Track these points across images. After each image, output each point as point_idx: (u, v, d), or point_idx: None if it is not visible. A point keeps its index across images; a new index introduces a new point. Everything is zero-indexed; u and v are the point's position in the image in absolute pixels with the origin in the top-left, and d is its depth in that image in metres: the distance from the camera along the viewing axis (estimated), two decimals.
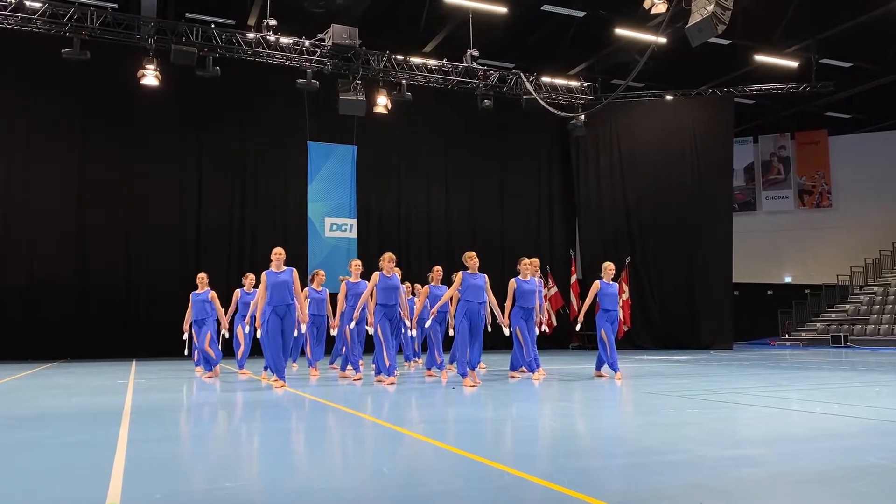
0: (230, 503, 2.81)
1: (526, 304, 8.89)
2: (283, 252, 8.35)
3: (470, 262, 8.43)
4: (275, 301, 8.13)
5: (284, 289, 8.17)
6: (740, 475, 3.25)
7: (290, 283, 8.23)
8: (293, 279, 8.28)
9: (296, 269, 8.32)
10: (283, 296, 8.14)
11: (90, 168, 16.27)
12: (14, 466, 3.60)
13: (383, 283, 8.45)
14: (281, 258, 8.32)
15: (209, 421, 5.43)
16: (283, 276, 8.24)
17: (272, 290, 8.15)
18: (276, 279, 8.21)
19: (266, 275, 8.27)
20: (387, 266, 8.54)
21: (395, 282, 8.57)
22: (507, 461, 3.58)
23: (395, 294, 8.54)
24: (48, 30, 14.06)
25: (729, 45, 18.18)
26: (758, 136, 27.04)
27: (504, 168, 20.65)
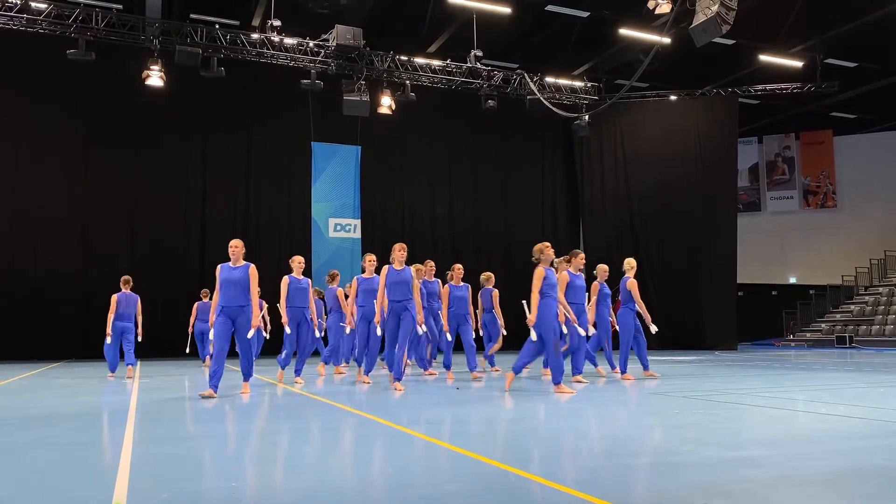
0: (235, 502, 2.81)
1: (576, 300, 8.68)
2: (241, 245, 7.30)
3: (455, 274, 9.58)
4: (224, 300, 7.09)
5: (237, 288, 7.09)
6: (745, 476, 3.24)
7: (244, 282, 7.15)
8: (249, 277, 7.20)
9: (254, 266, 7.29)
10: (236, 295, 7.07)
11: (94, 169, 16.31)
12: (21, 466, 3.61)
13: (392, 278, 7.73)
14: (238, 252, 7.24)
15: (214, 420, 5.44)
16: (237, 273, 7.14)
17: (223, 287, 7.09)
18: (228, 275, 7.14)
19: (220, 269, 7.22)
20: (397, 257, 7.80)
21: (406, 275, 7.77)
22: (513, 462, 3.58)
23: (404, 289, 7.71)
24: (53, 30, 14.10)
25: (733, 45, 18.15)
26: (762, 136, 26.99)
27: (508, 168, 20.64)
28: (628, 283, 8.90)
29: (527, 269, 8.30)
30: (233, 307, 7.08)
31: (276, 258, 17.83)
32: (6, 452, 3.99)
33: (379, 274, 8.15)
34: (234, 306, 7.08)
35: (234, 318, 7.11)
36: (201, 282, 16.06)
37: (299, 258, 9.06)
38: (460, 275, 9.75)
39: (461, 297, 9.52)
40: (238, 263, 7.25)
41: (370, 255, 8.99)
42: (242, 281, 7.14)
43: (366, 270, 8.81)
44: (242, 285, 7.13)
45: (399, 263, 7.81)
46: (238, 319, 7.13)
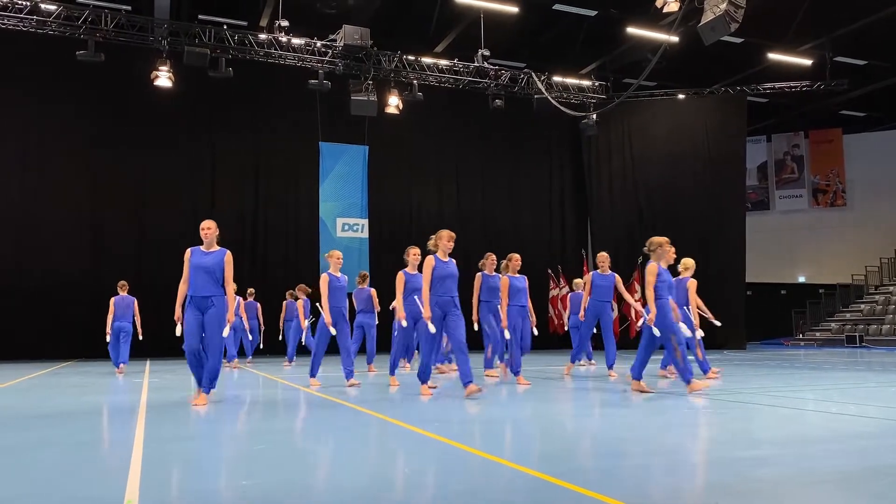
0: (247, 501, 2.82)
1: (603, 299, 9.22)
2: (214, 227, 6.40)
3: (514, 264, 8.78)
4: (194, 289, 6.24)
5: (209, 276, 6.21)
6: (757, 476, 3.23)
7: (217, 269, 6.27)
8: (224, 264, 6.31)
9: (230, 252, 6.41)
10: (207, 284, 6.20)
11: (103, 170, 16.40)
12: (32, 465, 3.64)
13: (440, 271, 6.77)
14: (211, 234, 6.34)
15: (224, 419, 5.46)
16: (209, 259, 6.27)
17: (193, 274, 6.24)
18: (199, 261, 6.27)
19: (190, 253, 6.35)
20: (444, 246, 6.88)
21: (454, 268, 6.92)
22: (525, 461, 3.58)
23: (452, 284, 6.85)
24: (63, 32, 14.18)
25: (742, 43, 18.07)
26: (771, 134, 26.87)
27: (515, 168, 20.63)
28: (689, 283, 8.98)
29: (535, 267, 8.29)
30: (203, 297, 6.22)
31: (284, 258, 17.92)
32: (18, 451, 4.02)
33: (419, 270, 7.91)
34: (204, 296, 6.22)
35: (203, 309, 6.22)
36: None
37: (338, 253, 8.56)
38: (493, 265, 8.88)
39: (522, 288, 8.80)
40: (211, 248, 6.37)
41: (414, 249, 8.03)
42: (215, 268, 6.25)
43: (409, 265, 7.94)
44: (215, 273, 6.25)
45: (445, 254, 6.92)
46: (208, 312, 6.21)
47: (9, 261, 15.40)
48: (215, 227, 6.43)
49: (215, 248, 6.41)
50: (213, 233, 6.39)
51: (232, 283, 6.42)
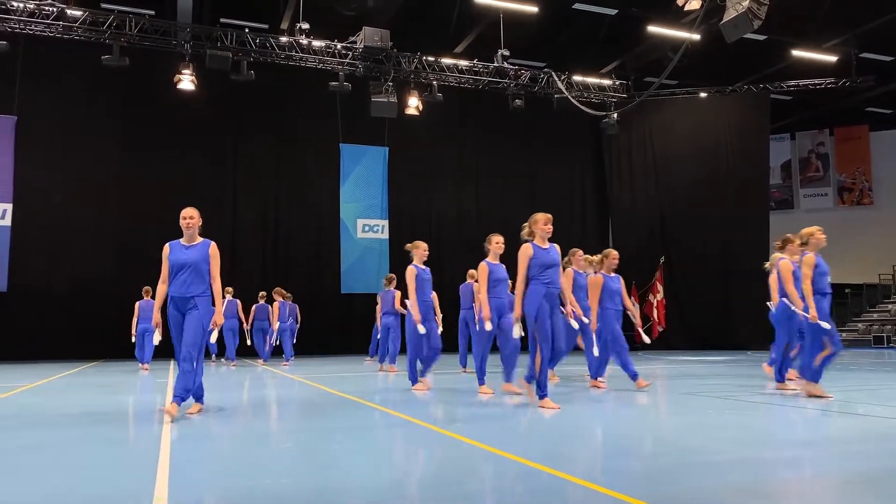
0: (273, 499, 2.86)
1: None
2: (196, 215, 5.64)
3: None
4: (174, 288, 5.45)
5: (192, 272, 5.45)
6: (783, 477, 3.20)
7: (201, 264, 5.47)
8: (210, 258, 5.53)
9: (215, 244, 5.63)
10: (189, 282, 5.42)
11: (128, 173, 16.64)
12: (63, 463, 3.71)
13: (540, 259, 5.94)
14: (193, 224, 5.59)
15: (251, 418, 5.52)
16: (191, 254, 5.49)
17: (174, 272, 5.48)
18: (179, 256, 5.50)
19: (168, 248, 5.60)
20: (541, 231, 6.08)
21: (556, 255, 6.11)
22: (546, 461, 3.58)
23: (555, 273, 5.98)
24: (88, 37, 14.41)
25: (765, 40, 17.87)
26: (795, 132, 26.50)
27: (535, 168, 20.58)
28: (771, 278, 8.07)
29: None
30: (184, 298, 5.40)
31: (305, 259, 18.05)
32: (49, 449, 4.10)
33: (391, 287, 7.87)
34: (185, 297, 5.40)
35: (184, 310, 5.42)
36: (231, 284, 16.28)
37: (424, 244, 7.85)
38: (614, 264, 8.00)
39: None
40: (193, 241, 5.59)
41: (497, 237, 7.23)
42: (199, 263, 5.46)
43: (491, 254, 7.17)
44: (199, 269, 5.45)
45: (543, 240, 6.03)
46: (190, 313, 5.39)
47: (39, 264, 15.68)
48: (198, 216, 5.64)
49: (198, 240, 5.61)
50: (196, 223, 5.60)
51: (219, 280, 5.59)
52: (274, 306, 13.68)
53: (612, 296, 7.59)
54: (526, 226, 6.19)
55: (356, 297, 17.58)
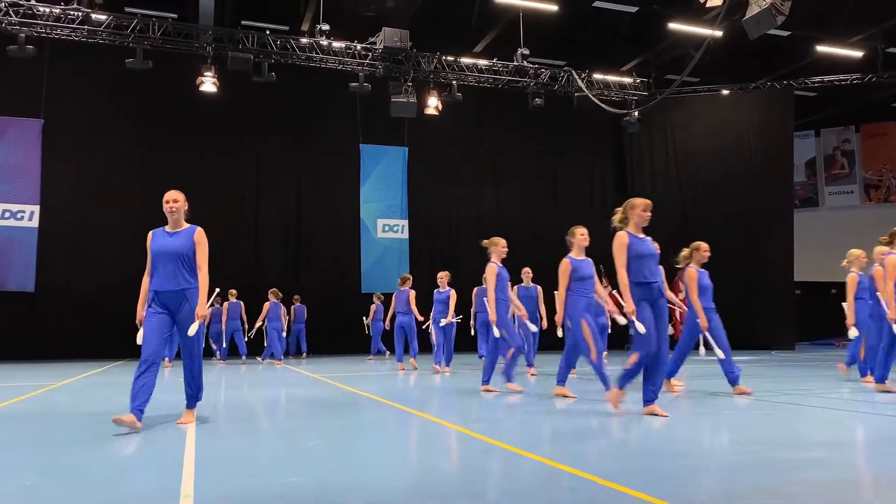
0: (297, 497, 2.89)
1: None
2: (182, 199, 5.10)
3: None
4: (158, 282, 4.90)
5: (177, 262, 4.89)
6: (806, 478, 3.17)
7: (187, 253, 4.94)
8: (196, 246, 5.00)
9: (201, 229, 5.10)
10: (174, 274, 4.87)
11: (151, 175, 16.80)
12: (91, 461, 3.77)
13: (637, 249, 5.30)
14: (179, 209, 5.03)
15: (274, 417, 5.58)
16: (176, 242, 4.94)
17: (157, 262, 4.92)
18: (164, 244, 4.94)
19: (151, 236, 5.07)
20: (639, 217, 5.35)
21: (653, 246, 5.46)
22: (568, 461, 3.58)
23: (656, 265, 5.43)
24: (113, 41, 14.61)
25: (788, 36, 17.63)
26: (820, 129, 26.11)
27: (556, 167, 20.50)
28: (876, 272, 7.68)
29: None
30: (172, 293, 4.87)
31: (326, 259, 18.15)
32: (77, 448, 4.17)
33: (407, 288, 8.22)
34: (172, 290, 4.87)
35: (174, 308, 4.90)
36: (254, 284, 16.47)
37: (503, 241, 7.54)
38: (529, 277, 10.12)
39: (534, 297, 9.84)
40: (178, 227, 5.04)
41: (581, 228, 6.83)
42: (184, 252, 4.92)
43: (575, 248, 6.71)
44: (185, 258, 4.91)
45: (638, 229, 5.36)
46: (181, 310, 4.90)
47: (65, 265, 15.94)
48: (183, 199, 5.09)
49: (184, 225, 5.08)
50: (182, 207, 5.04)
51: (206, 270, 5.05)
52: (265, 306, 14.11)
53: (703, 292, 7.14)
54: (619, 211, 5.46)
55: None
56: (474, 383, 8.48)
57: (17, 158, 15.65)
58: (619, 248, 5.25)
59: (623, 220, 5.40)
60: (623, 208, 5.43)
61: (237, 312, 14.36)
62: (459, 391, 7.53)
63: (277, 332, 14.01)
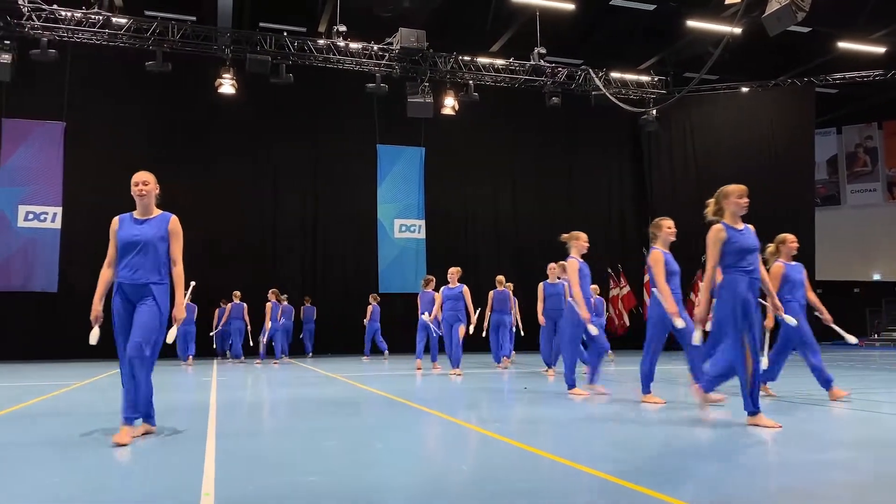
0: (316, 496, 2.90)
1: None
2: (153, 181, 4.57)
3: None
4: (124, 273, 4.40)
5: (146, 253, 4.38)
6: (830, 479, 3.13)
7: (158, 243, 4.43)
8: (169, 236, 4.49)
9: (177, 218, 4.59)
10: (140, 265, 4.37)
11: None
12: (113, 459, 3.82)
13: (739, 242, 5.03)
14: (148, 192, 4.50)
15: (293, 416, 5.60)
16: (146, 230, 4.43)
17: (123, 251, 4.43)
18: (132, 232, 4.44)
19: (117, 223, 4.58)
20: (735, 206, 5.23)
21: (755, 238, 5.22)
22: (587, 461, 3.56)
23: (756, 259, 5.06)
24: (133, 44, 14.77)
25: (809, 32, 17.42)
26: (841, 126, 25.78)
27: (573, 166, 20.43)
28: None
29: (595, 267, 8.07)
30: (136, 286, 4.36)
31: (344, 259, 18.23)
32: (99, 446, 4.22)
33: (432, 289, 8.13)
34: (137, 284, 4.35)
35: (137, 301, 4.39)
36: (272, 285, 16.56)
37: (584, 235, 7.38)
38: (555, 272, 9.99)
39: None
40: (149, 213, 4.52)
41: (668, 221, 6.51)
42: (154, 241, 4.40)
43: (661, 241, 6.37)
44: (154, 248, 4.39)
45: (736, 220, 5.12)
46: (143, 303, 4.36)
47: (87, 266, 16.10)
48: (154, 182, 4.55)
49: (155, 212, 4.54)
50: (153, 190, 4.51)
51: (181, 264, 4.54)
52: (267, 307, 14.30)
53: (793, 287, 6.62)
54: (711, 202, 5.17)
55: (394, 296, 17.69)
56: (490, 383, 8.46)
57: (40, 161, 15.89)
58: (714, 242, 4.85)
59: (717, 212, 5.08)
60: (716, 198, 5.13)
61: (240, 313, 14.72)
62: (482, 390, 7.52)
63: (275, 333, 14.46)
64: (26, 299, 15.62)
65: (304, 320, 16.37)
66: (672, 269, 6.12)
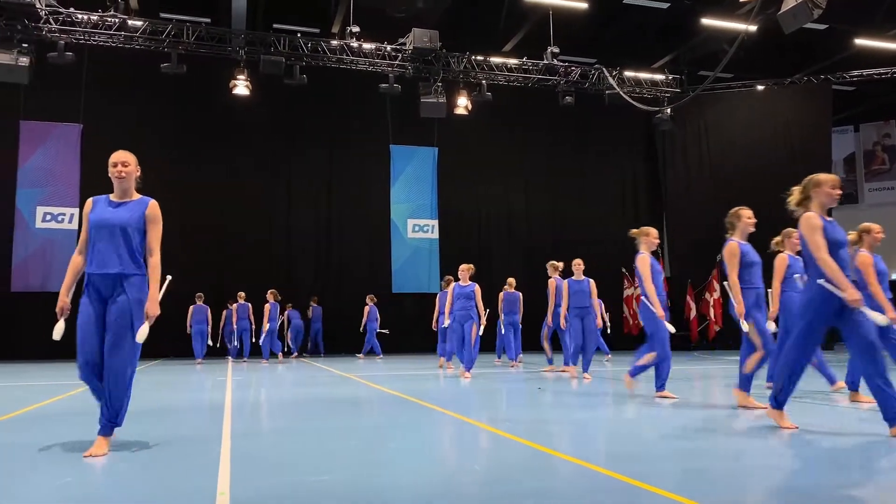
0: (330, 496, 2.91)
1: None
2: (133, 162, 4.17)
3: None
4: (96, 262, 3.92)
5: (118, 239, 3.92)
6: (851, 481, 3.09)
7: (133, 229, 3.99)
8: (146, 223, 4.08)
9: (156, 202, 4.20)
10: (113, 254, 3.90)
11: (185, 177, 17.15)
12: (127, 459, 3.84)
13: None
14: (126, 173, 4.08)
15: (307, 416, 5.62)
16: (121, 213, 4.00)
17: (95, 237, 3.95)
18: (105, 216, 3.99)
19: (91, 205, 4.12)
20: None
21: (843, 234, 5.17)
22: (602, 462, 3.55)
23: None
24: (148, 46, 14.90)
25: (825, 29, 17.24)
26: (859, 124, 25.49)
27: (586, 165, 20.36)
28: None
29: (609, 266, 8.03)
30: (108, 276, 3.89)
31: (357, 260, 18.28)
32: (113, 445, 4.25)
33: None
34: (110, 274, 3.88)
35: (110, 296, 3.92)
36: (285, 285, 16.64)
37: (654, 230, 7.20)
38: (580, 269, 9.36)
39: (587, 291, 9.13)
40: (126, 196, 4.10)
41: (747, 210, 6.12)
42: (131, 227, 3.97)
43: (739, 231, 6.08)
44: (130, 236, 3.95)
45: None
46: (117, 301, 3.87)
47: None
48: (135, 163, 4.15)
49: (134, 196, 4.13)
50: (133, 172, 4.09)
51: (158, 253, 4.13)
52: (265, 307, 14.66)
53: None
54: (795, 191, 4.88)
55: (407, 296, 17.74)
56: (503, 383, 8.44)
57: (58, 162, 16.06)
58: (812, 230, 4.49)
59: (803, 202, 4.76)
60: (804, 186, 4.76)
61: (245, 313, 15.02)
62: (496, 391, 7.51)
63: (273, 332, 14.76)
64: (44, 300, 15.77)
65: (312, 320, 16.56)
66: (752, 261, 5.84)
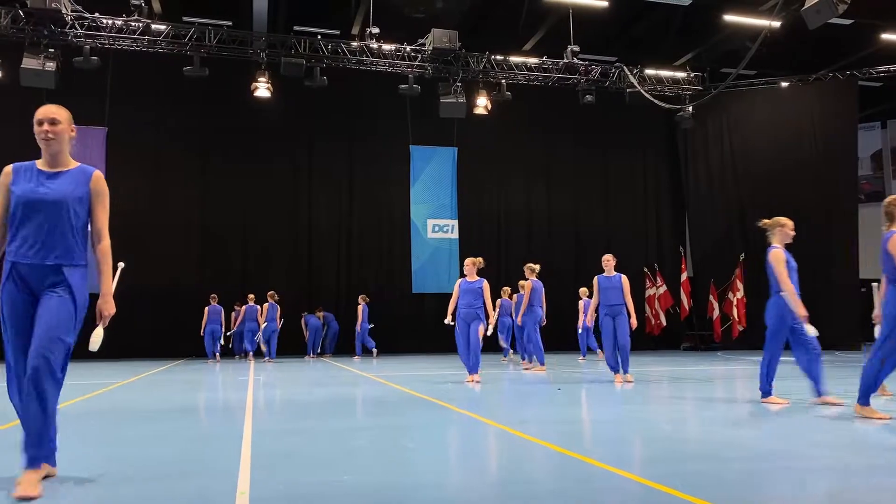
0: (348, 495, 2.93)
1: None
2: (64, 118, 3.29)
3: None
4: (20, 250, 3.11)
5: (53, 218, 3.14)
6: (876, 484, 3.04)
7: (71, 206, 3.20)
8: (93, 195, 3.34)
9: (100, 172, 3.41)
10: (47, 237, 3.13)
11: (208, 179, 17.36)
12: (151, 457, 3.90)
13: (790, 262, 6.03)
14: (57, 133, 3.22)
15: (327, 415, 5.66)
16: (56, 186, 3.19)
17: (21, 214, 3.13)
18: (34, 189, 3.15)
19: (12, 172, 3.20)
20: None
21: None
22: (617, 463, 3.53)
23: None
24: (171, 49, 15.06)
25: (851, 25, 16.95)
26: (886, 120, 25.04)
27: (608, 164, 20.24)
28: None
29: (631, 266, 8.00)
30: (39, 266, 3.11)
31: (378, 260, 18.35)
32: (138, 444, 4.32)
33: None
34: (42, 265, 3.12)
35: (41, 291, 3.13)
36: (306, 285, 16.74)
37: (790, 222, 6.35)
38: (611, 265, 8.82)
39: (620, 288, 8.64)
40: (60, 165, 3.27)
41: (790, 221, 6.19)
42: (70, 204, 3.20)
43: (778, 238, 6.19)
44: (69, 215, 3.19)
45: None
46: (50, 297, 3.11)
47: (127, 267, 16.47)
48: (68, 120, 3.30)
49: (71, 164, 3.31)
50: (65, 132, 3.26)
51: (106, 234, 3.43)
52: (263, 307, 15.12)
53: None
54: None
55: (427, 296, 17.77)
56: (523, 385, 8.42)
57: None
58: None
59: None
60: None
61: (254, 315, 15.33)
62: (504, 389, 7.49)
63: (273, 332, 15.13)
64: None
65: (326, 323, 16.79)
66: (792, 266, 5.98)
